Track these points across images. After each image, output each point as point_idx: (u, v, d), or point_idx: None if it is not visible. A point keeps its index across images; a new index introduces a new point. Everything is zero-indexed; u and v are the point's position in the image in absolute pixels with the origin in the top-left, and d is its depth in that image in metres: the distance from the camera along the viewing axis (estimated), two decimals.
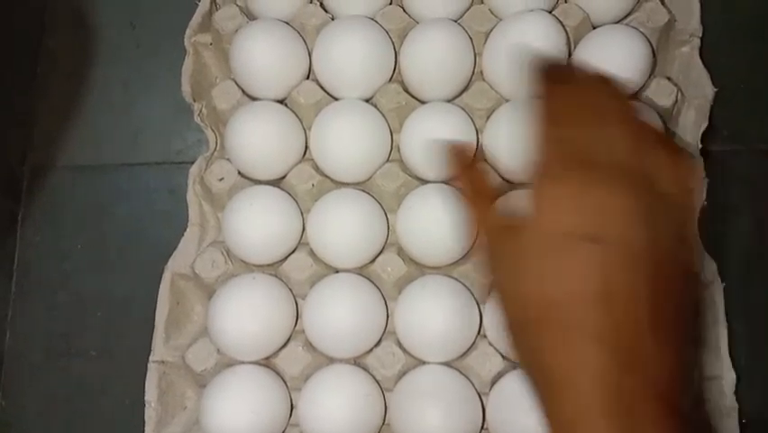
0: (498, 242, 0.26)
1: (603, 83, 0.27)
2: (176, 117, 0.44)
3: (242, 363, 0.37)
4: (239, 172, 0.39)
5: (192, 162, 0.41)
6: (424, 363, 0.36)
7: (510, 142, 0.37)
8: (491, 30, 0.39)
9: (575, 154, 0.25)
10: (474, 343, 0.35)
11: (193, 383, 0.38)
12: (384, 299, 0.37)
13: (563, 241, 0.23)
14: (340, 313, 0.36)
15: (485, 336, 0.36)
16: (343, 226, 0.37)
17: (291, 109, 0.40)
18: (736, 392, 0.35)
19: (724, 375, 0.35)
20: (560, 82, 0.27)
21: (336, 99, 0.40)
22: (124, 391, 0.40)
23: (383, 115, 0.39)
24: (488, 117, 0.38)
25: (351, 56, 0.39)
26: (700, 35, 0.39)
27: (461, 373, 0.35)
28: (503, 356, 0.35)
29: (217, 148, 0.40)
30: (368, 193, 0.38)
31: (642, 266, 0.23)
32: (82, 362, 0.41)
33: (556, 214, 0.24)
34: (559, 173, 0.24)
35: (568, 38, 0.38)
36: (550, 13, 0.38)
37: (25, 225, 0.43)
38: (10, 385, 0.41)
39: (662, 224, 0.24)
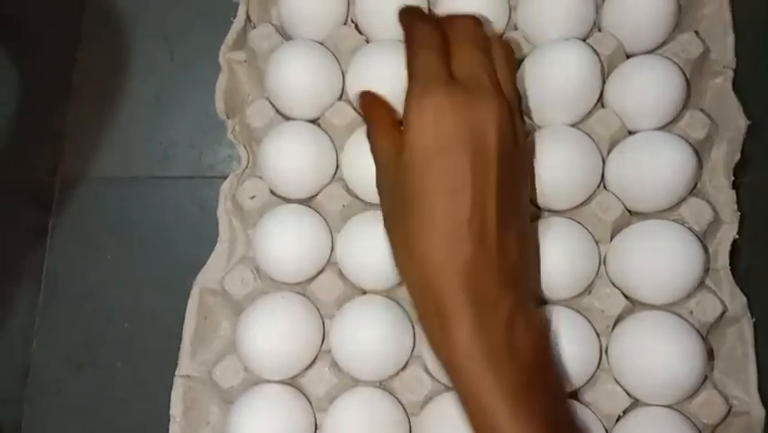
0: (385, 163, 0.32)
1: (463, 18, 0.33)
2: (207, 132, 0.44)
3: (269, 381, 0.37)
4: (270, 191, 0.39)
5: (222, 177, 0.41)
6: (449, 389, 0.36)
7: (542, 168, 0.37)
8: (525, 57, 0.39)
9: (435, 75, 0.30)
10: None
11: (217, 399, 0.38)
12: (411, 322, 0.37)
13: (430, 149, 0.29)
14: (367, 335, 0.36)
15: None
16: (373, 248, 0.37)
17: (324, 129, 0.40)
18: (766, 429, 0.35)
19: (752, 411, 0.35)
20: (424, 19, 0.33)
21: None
22: (149, 405, 0.40)
23: None
24: None
25: (383, 80, 0.38)
26: (734, 67, 0.39)
27: None
28: None
29: (249, 165, 0.41)
30: None
31: (491, 164, 0.29)
32: (107, 373, 0.41)
33: (422, 127, 0.30)
34: (423, 91, 0.30)
35: (602, 66, 0.38)
36: (584, 41, 0.39)
37: (55, 235, 0.44)
38: (35, 395, 0.41)
39: (512, 136, 0.30)
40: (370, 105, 0.35)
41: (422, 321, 0.30)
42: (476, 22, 0.33)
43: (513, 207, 0.31)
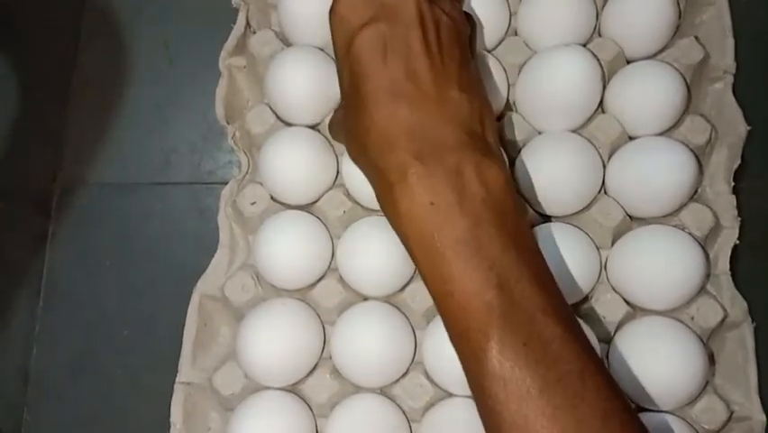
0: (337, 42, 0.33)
1: None
2: (207, 138, 0.44)
3: (269, 388, 0.37)
4: (271, 197, 0.39)
5: (222, 183, 0.41)
6: (451, 395, 0.36)
7: (543, 173, 0.37)
8: (525, 62, 0.39)
9: None
10: None
11: (217, 405, 0.38)
12: (413, 328, 0.37)
13: (355, 31, 0.31)
14: (368, 341, 0.36)
15: None
16: (373, 254, 0.37)
17: (324, 135, 0.40)
18: None
19: (753, 416, 0.35)
20: None
21: None
22: (149, 411, 0.40)
23: None
24: (520, 149, 0.38)
25: None
26: (734, 72, 0.39)
27: None
28: None
29: (249, 171, 0.41)
30: None
31: (416, 29, 0.30)
32: (107, 380, 0.41)
33: (338, 15, 0.32)
34: None
35: (603, 72, 0.38)
36: (584, 46, 0.39)
37: (54, 241, 0.44)
38: (35, 401, 0.41)
39: (433, 5, 0.31)
40: None
41: (378, 197, 0.31)
42: None
43: (450, 61, 0.31)
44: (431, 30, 0.31)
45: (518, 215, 0.29)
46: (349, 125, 0.32)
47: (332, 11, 0.32)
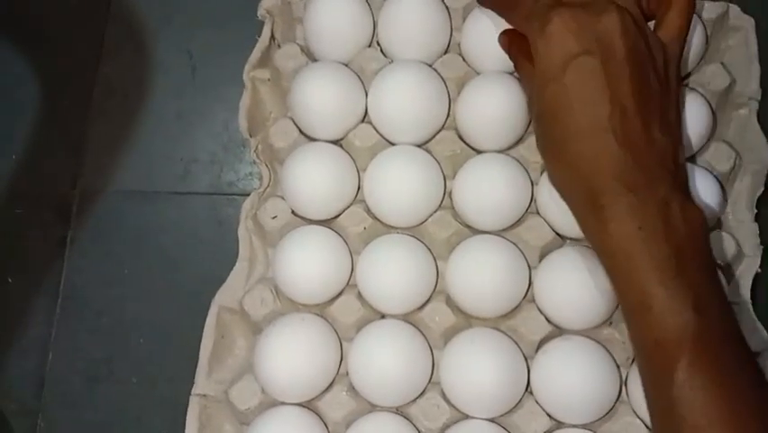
0: (525, 79, 0.36)
1: None
2: (228, 149, 0.44)
3: (285, 403, 0.37)
4: (292, 211, 0.39)
5: (242, 195, 0.41)
6: (468, 417, 0.36)
7: (556, 203, 0.36)
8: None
9: (548, 5, 0.32)
10: (521, 401, 0.35)
11: (232, 418, 0.38)
12: (431, 348, 0.37)
13: (566, 61, 0.31)
14: (385, 360, 0.36)
15: (532, 394, 0.35)
16: (393, 272, 0.37)
17: (347, 151, 0.40)
18: None
19: None
20: None
21: (391, 143, 0.40)
22: (163, 422, 0.40)
23: (437, 162, 0.39)
24: (542, 171, 0.38)
25: (404, 101, 0.39)
26: (759, 98, 0.39)
27: (506, 430, 0.35)
28: (549, 416, 0.35)
29: (271, 184, 0.41)
30: (418, 239, 0.38)
31: (621, 64, 0.31)
32: (122, 388, 0.41)
33: (549, 48, 0.32)
34: (543, 21, 0.32)
35: None
36: None
37: (73, 248, 0.44)
38: (50, 407, 0.41)
39: (640, 40, 0.32)
40: (511, 41, 0.37)
41: (576, 215, 0.33)
42: None
43: (652, 100, 0.32)
44: (639, 69, 0.32)
45: (710, 254, 0.31)
46: (548, 152, 0.33)
47: (540, 31, 0.32)
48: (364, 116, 0.41)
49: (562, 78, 0.31)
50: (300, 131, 0.40)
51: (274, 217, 0.39)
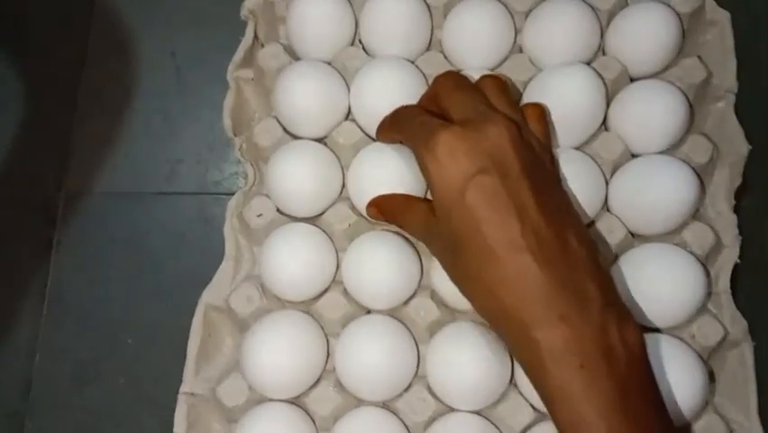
0: (414, 224, 0.35)
1: (440, 77, 0.36)
2: (213, 148, 0.45)
3: (273, 400, 0.37)
4: (277, 209, 0.40)
5: (228, 194, 0.41)
6: (454, 410, 0.36)
7: None
8: (530, 79, 0.40)
9: (435, 127, 0.32)
10: (505, 393, 0.36)
11: (220, 416, 0.38)
12: (416, 342, 0.37)
13: (463, 183, 0.30)
14: (371, 355, 0.36)
15: (516, 386, 0.36)
16: (378, 268, 0.37)
17: (330, 149, 0.40)
18: None
19: None
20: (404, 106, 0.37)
21: (374, 140, 0.40)
22: (152, 421, 0.40)
23: None
24: None
25: (386, 98, 0.39)
26: (736, 92, 0.40)
27: (491, 422, 0.35)
28: (534, 408, 0.35)
29: (255, 183, 0.41)
30: (403, 236, 0.39)
31: (519, 177, 0.30)
32: (110, 389, 0.41)
33: (442, 172, 0.31)
34: (431, 145, 0.31)
35: (606, 90, 0.39)
36: (589, 65, 0.39)
37: (60, 249, 0.44)
38: (37, 409, 0.41)
39: (530, 148, 0.32)
40: (381, 203, 0.37)
41: (508, 345, 0.31)
42: (454, 73, 0.35)
43: (559, 208, 0.31)
44: (537, 179, 0.31)
45: (653, 380, 0.30)
46: (460, 276, 0.32)
47: (429, 156, 0.31)
48: (347, 114, 0.41)
49: (462, 200, 0.30)
50: (284, 129, 0.41)
51: (259, 215, 0.39)
